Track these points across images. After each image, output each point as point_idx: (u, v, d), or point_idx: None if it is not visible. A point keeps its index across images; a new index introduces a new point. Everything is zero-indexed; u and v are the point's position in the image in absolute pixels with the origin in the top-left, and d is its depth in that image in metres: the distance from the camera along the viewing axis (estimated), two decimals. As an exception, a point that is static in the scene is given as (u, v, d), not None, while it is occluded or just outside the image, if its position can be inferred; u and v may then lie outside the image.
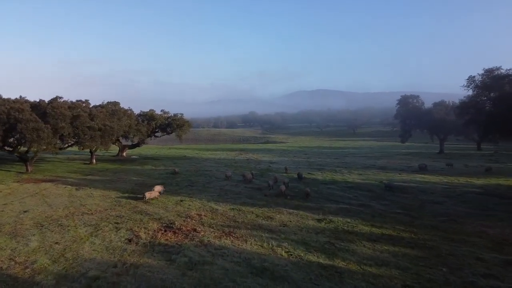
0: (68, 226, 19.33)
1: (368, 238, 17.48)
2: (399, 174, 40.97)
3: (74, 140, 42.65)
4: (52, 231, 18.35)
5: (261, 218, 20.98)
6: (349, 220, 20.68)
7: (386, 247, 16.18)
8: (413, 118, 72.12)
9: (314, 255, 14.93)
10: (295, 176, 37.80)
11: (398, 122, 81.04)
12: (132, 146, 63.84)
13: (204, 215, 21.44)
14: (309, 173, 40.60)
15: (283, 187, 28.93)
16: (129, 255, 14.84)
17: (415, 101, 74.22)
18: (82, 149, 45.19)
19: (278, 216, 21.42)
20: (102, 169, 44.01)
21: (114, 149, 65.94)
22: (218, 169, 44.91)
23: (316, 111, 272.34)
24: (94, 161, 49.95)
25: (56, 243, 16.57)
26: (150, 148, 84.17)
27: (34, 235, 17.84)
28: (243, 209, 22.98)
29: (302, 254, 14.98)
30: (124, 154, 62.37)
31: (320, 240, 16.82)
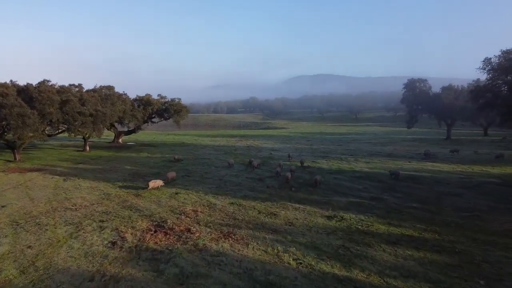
0: (46, 225, 17.14)
1: (387, 240, 15.28)
2: (409, 162, 38.67)
3: (65, 126, 40.17)
4: (28, 231, 16.17)
5: (264, 214, 18.76)
6: (362, 217, 18.46)
7: (409, 252, 13.99)
8: (420, 103, 69.25)
9: (328, 264, 12.72)
10: (299, 164, 35.73)
11: (404, 107, 78.12)
12: (128, 132, 61.45)
13: (201, 211, 19.21)
14: (313, 162, 38.35)
15: (288, 174, 27.92)
16: (110, 264, 12.65)
17: (422, 85, 71.19)
18: (74, 136, 42.81)
19: (283, 212, 19.20)
20: (95, 157, 41.77)
21: (110, 135, 63.71)
22: (217, 157, 42.65)
23: (317, 96, 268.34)
24: (87, 148, 47.64)
25: (29, 247, 14.39)
26: (148, 134, 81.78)
27: (6, 236, 15.67)
28: (244, 204, 20.76)
29: (313, 263, 12.76)
30: (120, 140, 60.05)
31: (333, 244, 14.60)
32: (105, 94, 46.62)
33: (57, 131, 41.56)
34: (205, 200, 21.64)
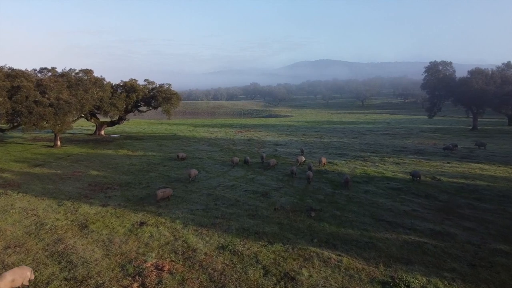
0: None
1: None
2: (448, 163, 31.06)
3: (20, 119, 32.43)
4: None
5: (275, 278, 11.19)
6: (439, 282, 10.94)
7: None
8: (444, 89, 61.02)
9: None
10: (316, 162, 28.86)
11: (423, 93, 70.08)
12: (112, 123, 53.65)
13: (168, 270, 11.65)
14: (329, 162, 30.74)
15: (310, 174, 24.05)
16: None
17: (446, 69, 62.85)
18: (41, 129, 35.19)
19: (305, 271, 11.61)
20: (62, 155, 34.17)
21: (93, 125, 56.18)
22: (211, 155, 35.04)
23: (321, 82, 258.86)
24: (58, 143, 39.94)
25: None
26: (138, 123, 73.94)
27: None
28: (241, 249, 13.18)
29: None
30: (102, 132, 52.34)
31: None
32: (76, 79, 38.60)
33: (11, 125, 33.75)
34: (181, 241, 14.05)
